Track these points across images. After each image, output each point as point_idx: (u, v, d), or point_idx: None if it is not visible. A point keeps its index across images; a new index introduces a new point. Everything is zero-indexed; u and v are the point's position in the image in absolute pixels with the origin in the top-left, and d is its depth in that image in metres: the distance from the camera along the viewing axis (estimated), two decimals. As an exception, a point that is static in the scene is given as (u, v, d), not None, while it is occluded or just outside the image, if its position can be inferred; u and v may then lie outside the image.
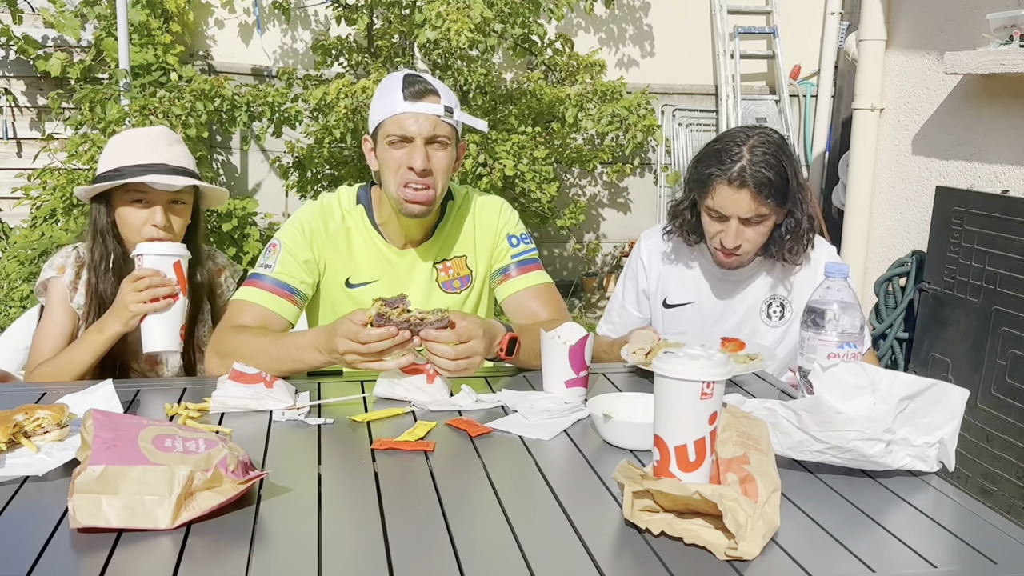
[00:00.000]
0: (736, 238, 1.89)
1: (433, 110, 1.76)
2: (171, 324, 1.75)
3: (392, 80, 1.81)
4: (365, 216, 1.90)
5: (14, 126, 5.28)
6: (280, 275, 1.81)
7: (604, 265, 6.20)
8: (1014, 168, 3.16)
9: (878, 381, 1.25)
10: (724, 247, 1.91)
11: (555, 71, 5.37)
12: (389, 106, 1.77)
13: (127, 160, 1.86)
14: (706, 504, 1.04)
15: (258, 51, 5.66)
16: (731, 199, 1.86)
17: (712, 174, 1.87)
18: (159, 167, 1.85)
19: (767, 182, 1.83)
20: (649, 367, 1.76)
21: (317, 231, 1.86)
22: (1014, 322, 2.77)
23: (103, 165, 1.89)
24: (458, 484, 1.23)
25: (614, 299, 2.22)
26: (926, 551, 1.06)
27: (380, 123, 1.79)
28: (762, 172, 1.82)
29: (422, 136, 1.76)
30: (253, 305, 1.79)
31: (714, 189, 1.87)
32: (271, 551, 1.02)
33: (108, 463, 1.05)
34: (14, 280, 4.27)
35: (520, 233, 1.98)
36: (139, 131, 1.99)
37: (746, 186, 1.83)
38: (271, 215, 5.46)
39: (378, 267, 1.90)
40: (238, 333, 1.73)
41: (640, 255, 2.13)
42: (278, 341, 1.69)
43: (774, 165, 1.84)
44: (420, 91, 1.77)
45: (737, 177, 1.83)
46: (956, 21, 3.46)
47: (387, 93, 1.79)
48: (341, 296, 1.89)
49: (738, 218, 1.87)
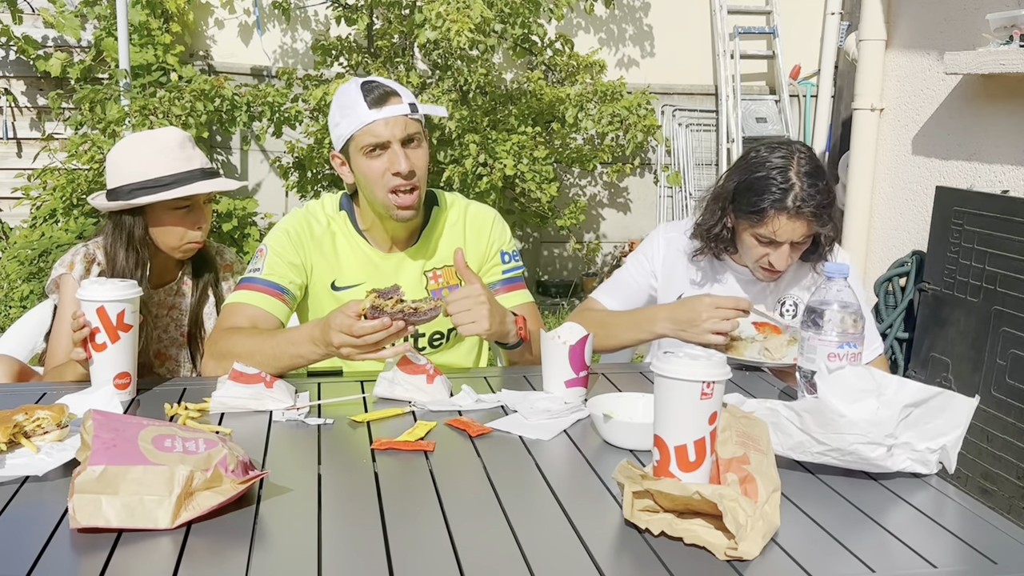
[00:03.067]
0: (788, 261, 1.91)
1: (399, 111, 1.76)
2: (101, 368, 1.55)
3: (349, 93, 1.79)
4: (348, 222, 1.91)
5: (14, 126, 5.28)
6: (269, 276, 1.82)
7: (604, 265, 6.20)
8: (1014, 168, 3.16)
9: (884, 386, 1.25)
10: (773, 267, 1.92)
11: (555, 71, 5.37)
12: (355, 118, 1.76)
13: (163, 168, 1.87)
14: (706, 504, 1.04)
15: (258, 51, 5.66)
16: (787, 227, 1.86)
17: (766, 207, 1.85)
18: (198, 172, 1.89)
19: (823, 208, 1.84)
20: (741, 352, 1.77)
21: (303, 235, 1.87)
22: (1014, 322, 2.77)
23: (130, 173, 1.88)
24: (458, 484, 1.23)
25: (621, 271, 2.18)
26: (926, 551, 1.06)
27: (351, 137, 1.79)
28: (816, 199, 1.84)
29: (396, 139, 1.76)
30: (245, 306, 1.79)
31: (769, 220, 1.86)
32: (271, 551, 1.02)
33: (108, 463, 1.05)
34: (14, 280, 4.27)
35: (512, 250, 2.00)
36: (159, 135, 1.95)
37: (802, 216, 1.84)
38: (271, 215, 5.46)
39: (364, 270, 1.90)
40: (232, 334, 1.74)
41: (658, 242, 2.11)
42: (273, 338, 1.69)
43: (823, 189, 1.85)
44: (381, 95, 1.77)
45: (794, 208, 1.83)
46: (956, 21, 3.45)
47: (348, 106, 1.78)
48: (327, 299, 1.89)
49: (791, 243, 1.89)
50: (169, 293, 2.03)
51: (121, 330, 1.51)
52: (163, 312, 2.04)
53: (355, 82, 1.81)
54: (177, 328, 2.05)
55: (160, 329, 2.04)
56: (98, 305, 1.49)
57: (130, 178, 1.87)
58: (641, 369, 1.82)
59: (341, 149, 1.83)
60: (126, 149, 1.92)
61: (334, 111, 1.83)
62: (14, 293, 4.22)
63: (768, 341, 1.79)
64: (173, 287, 2.03)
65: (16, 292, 4.21)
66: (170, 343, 2.06)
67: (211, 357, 1.75)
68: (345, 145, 1.81)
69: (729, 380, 1.15)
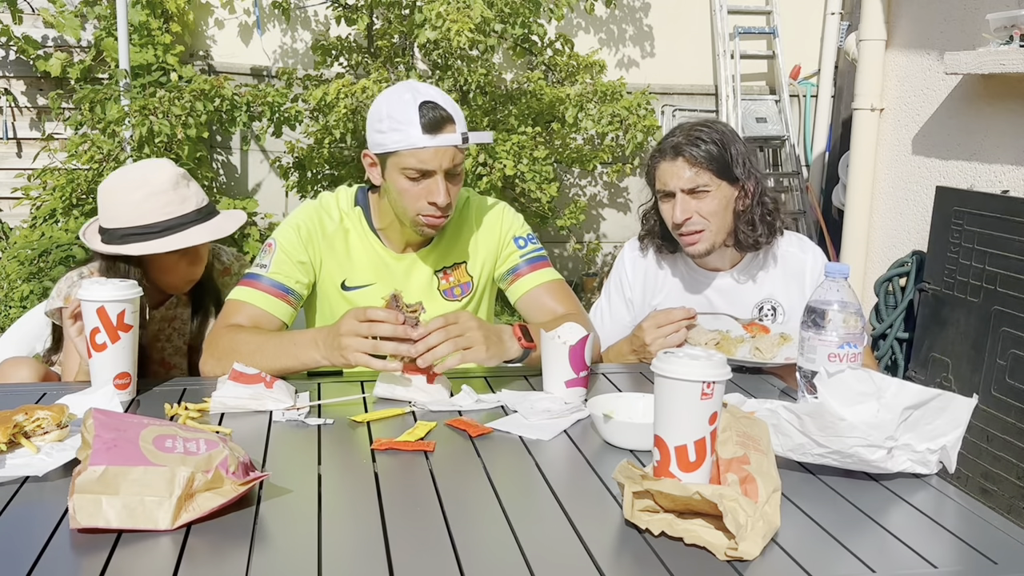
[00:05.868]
0: (683, 211, 1.90)
1: (451, 140, 1.71)
2: (101, 368, 1.54)
3: (405, 106, 1.70)
4: (363, 219, 1.88)
5: (14, 126, 5.28)
6: (275, 275, 1.79)
7: (604, 265, 6.20)
8: (1014, 168, 3.16)
9: (884, 389, 1.25)
10: (676, 222, 1.92)
11: (555, 71, 5.37)
12: (405, 137, 1.70)
13: (157, 214, 1.79)
14: (706, 504, 1.03)
15: (258, 51, 5.66)
16: (669, 171, 1.91)
17: (652, 158, 1.96)
18: (192, 215, 1.83)
19: (701, 150, 1.88)
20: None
21: (314, 232, 1.84)
22: (1014, 322, 2.77)
23: (124, 218, 1.80)
24: (458, 484, 1.23)
25: (598, 307, 2.18)
26: (926, 551, 1.06)
27: (395, 152, 1.72)
28: (695, 142, 1.89)
29: (442, 169, 1.72)
30: (247, 305, 1.77)
31: (656, 170, 1.94)
32: (271, 551, 1.02)
33: (109, 463, 1.05)
34: (14, 280, 4.27)
35: (527, 234, 1.97)
36: (151, 174, 1.84)
37: (681, 154, 1.89)
38: (271, 215, 5.46)
39: (375, 271, 1.88)
40: (235, 332, 1.71)
41: (624, 265, 2.12)
42: (277, 338, 1.68)
43: (709, 138, 1.89)
44: (437, 121, 1.70)
45: (671, 150, 1.90)
46: (956, 21, 3.46)
47: (400, 121, 1.70)
48: (337, 298, 1.87)
49: (681, 191, 1.90)
50: (169, 307, 2.02)
51: (121, 330, 1.51)
52: (165, 326, 2.03)
53: (413, 93, 1.72)
54: (180, 337, 2.05)
55: (163, 340, 2.03)
56: (98, 305, 1.49)
57: (122, 222, 1.81)
58: (641, 369, 1.82)
59: (379, 155, 1.77)
60: (119, 189, 1.84)
61: (382, 113, 1.73)
62: (14, 293, 4.22)
63: (758, 340, 1.79)
64: (173, 301, 2.02)
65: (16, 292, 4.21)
66: (174, 352, 2.05)
67: (211, 356, 1.72)
68: (385, 155, 1.75)
69: (729, 380, 1.15)
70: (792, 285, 2.00)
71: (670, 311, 1.82)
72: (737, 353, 1.76)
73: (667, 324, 1.79)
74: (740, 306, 2.01)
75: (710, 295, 2.04)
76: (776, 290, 2.02)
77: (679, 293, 2.07)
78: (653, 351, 1.77)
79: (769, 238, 1.97)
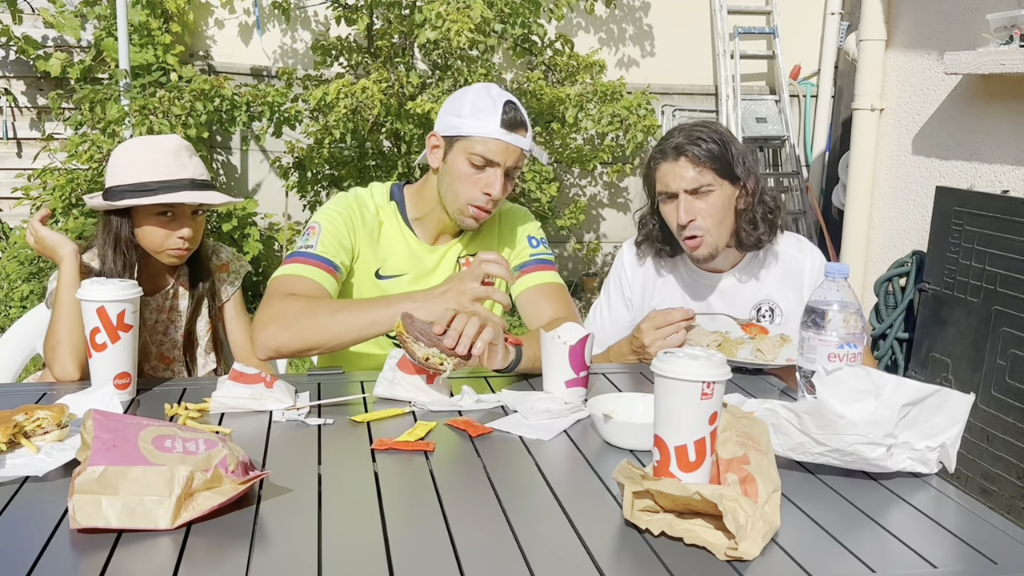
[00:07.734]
0: (687, 212, 1.89)
1: (523, 143, 1.82)
2: (101, 368, 1.54)
3: (490, 99, 1.81)
4: (398, 212, 1.95)
5: (14, 126, 5.28)
6: (323, 252, 1.82)
7: (604, 265, 6.20)
8: (1014, 168, 3.16)
9: (882, 386, 1.25)
10: (680, 225, 1.91)
11: (555, 71, 5.37)
12: (483, 125, 1.79)
13: (151, 174, 1.86)
14: (706, 504, 1.03)
15: (258, 51, 5.66)
16: (671, 172, 1.90)
17: (651, 160, 1.95)
18: (186, 182, 1.87)
19: (703, 149, 1.88)
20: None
21: (354, 217, 1.89)
22: (1014, 322, 2.77)
23: (121, 176, 1.88)
24: (458, 484, 1.23)
25: (598, 307, 2.18)
26: (926, 551, 1.06)
27: (467, 136, 1.80)
28: (696, 142, 1.89)
29: (505, 165, 1.81)
30: (301, 278, 1.77)
31: (657, 172, 1.94)
32: (271, 551, 1.02)
33: (108, 464, 1.05)
34: (14, 280, 4.28)
35: (540, 236, 2.05)
36: (156, 141, 1.95)
37: (683, 154, 1.89)
38: (271, 215, 5.47)
39: (408, 262, 1.93)
40: (299, 299, 1.70)
41: (624, 265, 2.12)
42: (356, 301, 1.71)
43: (709, 137, 1.89)
44: (515, 121, 1.81)
45: (672, 151, 1.90)
46: (956, 21, 3.46)
47: (482, 110, 1.80)
48: (370, 287, 1.91)
49: (684, 191, 1.89)
50: (165, 297, 2.03)
51: (121, 330, 1.51)
52: (161, 316, 2.04)
53: (499, 93, 1.84)
54: (177, 330, 2.05)
55: (160, 332, 2.04)
56: (98, 305, 1.49)
57: (121, 180, 1.87)
58: (641, 369, 1.82)
59: (448, 137, 1.84)
60: (123, 152, 1.92)
61: (464, 101, 1.83)
62: (14, 293, 4.22)
63: (760, 342, 1.79)
64: (169, 291, 2.03)
65: (16, 292, 4.22)
66: (171, 346, 2.05)
67: (275, 325, 1.67)
68: (455, 138, 1.83)
69: (729, 380, 1.15)
70: (790, 286, 2.00)
71: (668, 312, 1.82)
72: (739, 354, 1.76)
73: (665, 325, 1.79)
74: (739, 306, 2.01)
75: (710, 296, 2.04)
76: (774, 291, 2.02)
77: (679, 294, 2.07)
78: (652, 352, 1.77)
79: (771, 236, 1.98)
